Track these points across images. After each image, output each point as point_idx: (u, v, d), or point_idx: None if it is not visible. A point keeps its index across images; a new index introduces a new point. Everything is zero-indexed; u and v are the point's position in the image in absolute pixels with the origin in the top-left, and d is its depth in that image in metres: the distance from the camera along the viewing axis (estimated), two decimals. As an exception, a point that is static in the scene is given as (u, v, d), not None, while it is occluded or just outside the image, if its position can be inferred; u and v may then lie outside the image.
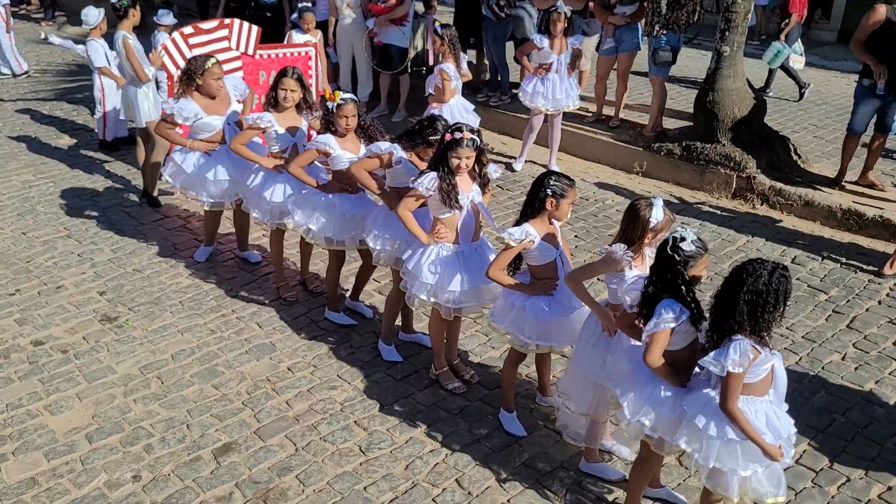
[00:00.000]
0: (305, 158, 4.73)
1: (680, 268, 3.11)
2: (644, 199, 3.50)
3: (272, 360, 4.75)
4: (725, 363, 2.91)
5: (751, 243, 6.43)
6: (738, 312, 2.90)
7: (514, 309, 3.92)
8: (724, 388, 2.96)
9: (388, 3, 8.77)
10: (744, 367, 2.91)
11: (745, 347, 2.90)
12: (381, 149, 4.36)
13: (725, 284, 3.01)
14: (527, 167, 8.03)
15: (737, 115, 7.26)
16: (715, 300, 3.05)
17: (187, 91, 5.28)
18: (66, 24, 14.23)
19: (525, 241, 3.74)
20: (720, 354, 2.94)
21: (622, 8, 7.79)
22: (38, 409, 4.24)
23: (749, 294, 2.89)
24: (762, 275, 2.89)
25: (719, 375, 2.97)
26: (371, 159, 4.43)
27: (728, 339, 2.94)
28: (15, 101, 9.73)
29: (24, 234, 6.24)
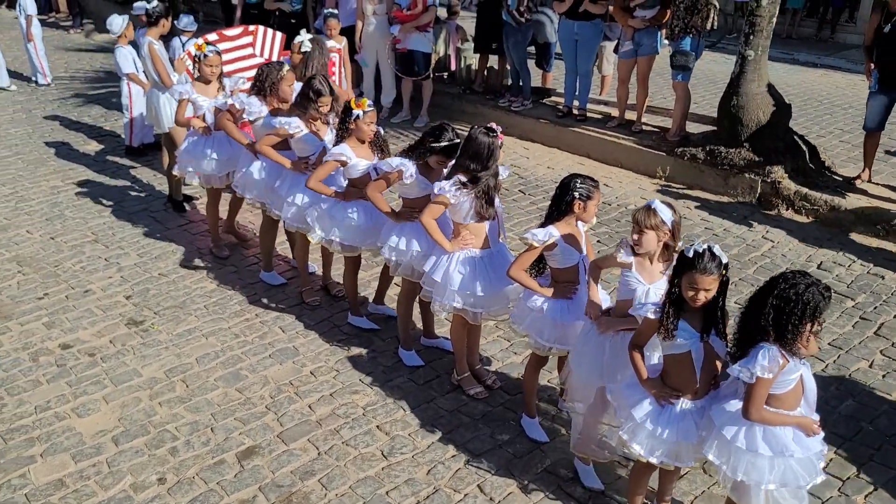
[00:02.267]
0: (325, 171, 4.75)
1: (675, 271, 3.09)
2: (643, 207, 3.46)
3: (295, 365, 4.78)
4: (754, 369, 2.87)
5: (776, 249, 6.37)
6: (764, 316, 2.87)
7: (532, 311, 3.92)
8: (749, 395, 2.92)
9: (413, 11, 8.81)
10: (773, 374, 2.87)
11: (773, 353, 2.86)
12: (391, 167, 4.35)
13: (759, 290, 2.97)
14: (548, 172, 8.02)
15: (761, 120, 7.20)
16: (746, 305, 3.01)
17: (260, 95, 5.29)
18: (94, 31, 14.45)
19: (548, 241, 3.74)
20: (748, 361, 2.90)
21: (642, 11, 7.75)
22: (65, 412, 4.30)
23: (777, 299, 2.85)
24: (798, 284, 2.84)
25: (748, 382, 2.93)
26: (381, 181, 4.42)
27: (755, 346, 2.91)
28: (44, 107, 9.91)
29: (53, 238, 6.34)
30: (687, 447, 3.19)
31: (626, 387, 3.33)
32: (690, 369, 3.16)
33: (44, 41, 11.02)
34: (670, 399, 3.19)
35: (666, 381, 3.25)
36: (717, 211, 7.08)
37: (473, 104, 9.41)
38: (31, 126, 9.21)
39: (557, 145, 8.65)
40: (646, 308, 3.20)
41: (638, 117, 8.36)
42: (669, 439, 3.16)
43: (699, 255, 3.00)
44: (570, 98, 8.78)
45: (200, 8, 14.78)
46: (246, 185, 5.44)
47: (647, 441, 3.21)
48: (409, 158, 4.36)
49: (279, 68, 5.32)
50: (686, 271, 3.02)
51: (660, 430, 3.17)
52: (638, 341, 3.30)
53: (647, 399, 3.23)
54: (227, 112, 5.38)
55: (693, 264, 3.00)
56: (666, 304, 3.12)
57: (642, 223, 3.37)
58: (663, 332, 3.12)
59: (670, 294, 3.11)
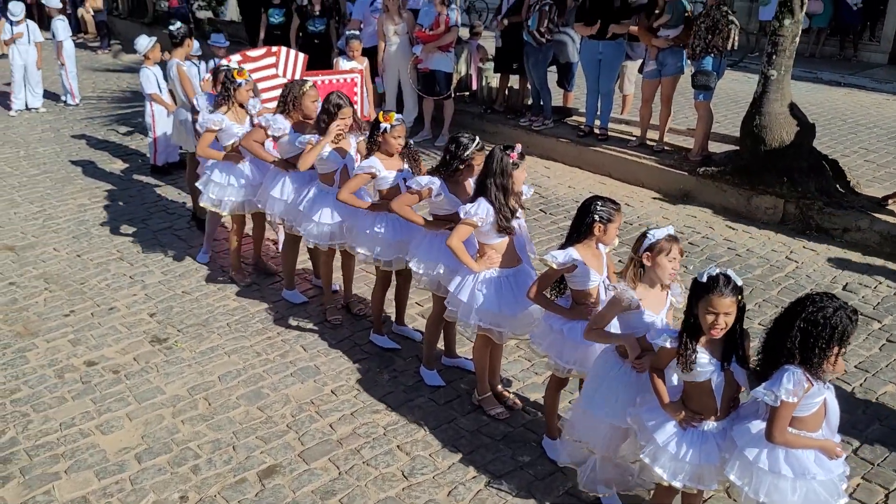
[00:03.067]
0: (356, 184, 4.80)
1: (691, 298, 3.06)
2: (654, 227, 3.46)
3: (316, 383, 4.79)
4: (778, 392, 2.84)
5: (800, 269, 6.31)
6: (791, 339, 2.84)
7: (552, 332, 3.91)
8: (773, 418, 2.89)
9: (436, 31, 8.90)
10: (798, 397, 2.84)
11: (798, 377, 2.83)
12: (420, 184, 4.39)
13: (785, 311, 2.94)
14: (569, 191, 8.02)
15: (785, 139, 7.16)
16: (771, 326, 2.99)
17: (284, 112, 5.35)
18: (122, 52, 14.71)
19: (568, 264, 3.74)
20: (773, 384, 2.87)
21: (665, 31, 7.77)
22: (89, 429, 4.34)
23: (805, 322, 2.82)
24: (825, 308, 2.81)
25: (772, 405, 2.90)
26: (412, 195, 4.46)
27: (780, 368, 2.88)
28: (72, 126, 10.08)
29: (79, 256, 6.43)
30: (710, 469, 3.16)
31: (648, 410, 3.29)
32: (710, 396, 3.14)
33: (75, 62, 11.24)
34: (693, 423, 3.16)
35: (687, 405, 3.22)
36: (739, 231, 7.04)
37: (494, 123, 9.45)
38: (59, 145, 9.37)
39: (579, 164, 8.65)
40: (662, 337, 3.16)
41: (660, 137, 8.35)
42: (692, 461, 3.13)
43: (714, 278, 2.98)
44: (592, 117, 8.79)
45: (225, 28, 14.99)
46: (269, 202, 5.49)
47: (670, 464, 3.18)
48: (438, 176, 4.39)
49: (301, 84, 5.38)
50: (702, 296, 3.00)
51: (683, 453, 3.14)
52: (657, 365, 3.27)
53: (669, 422, 3.20)
54: (254, 132, 5.42)
55: (709, 288, 2.97)
56: (682, 334, 3.09)
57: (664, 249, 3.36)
58: (682, 363, 3.08)
59: (686, 323, 3.08)
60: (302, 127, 5.30)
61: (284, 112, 5.34)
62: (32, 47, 10.67)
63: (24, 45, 10.60)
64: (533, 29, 8.49)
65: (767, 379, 2.91)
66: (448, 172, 4.40)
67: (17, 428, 4.33)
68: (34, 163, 8.72)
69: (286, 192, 5.32)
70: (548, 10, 8.41)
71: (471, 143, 4.34)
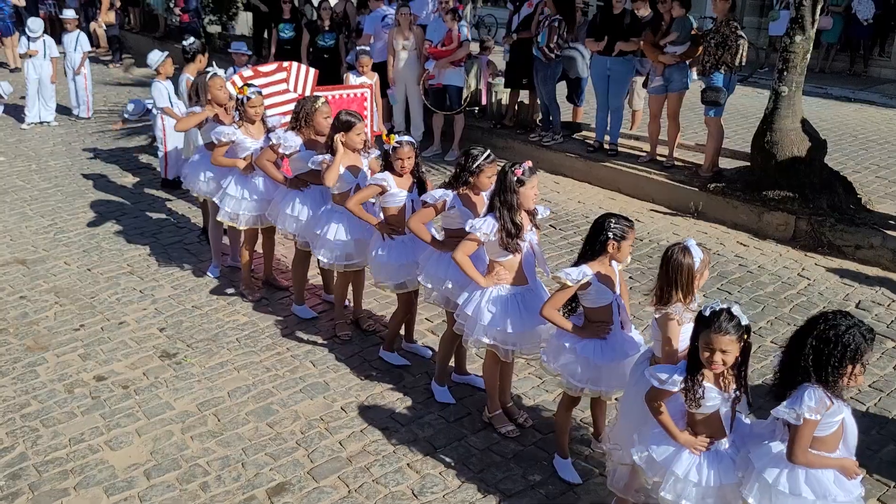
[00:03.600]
0: (365, 195, 4.81)
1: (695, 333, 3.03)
2: (677, 245, 3.39)
3: (326, 400, 4.77)
4: (801, 410, 2.80)
5: (812, 287, 6.26)
6: (804, 357, 2.82)
7: (565, 350, 3.88)
8: (795, 437, 2.85)
9: (449, 47, 8.94)
10: (820, 415, 2.81)
11: (819, 394, 2.81)
12: (434, 198, 4.40)
13: (800, 330, 2.92)
14: (579, 207, 8.01)
15: (796, 156, 7.14)
16: (787, 344, 2.96)
17: (297, 129, 5.37)
18: (133, 66, 14.81)
19: (582, 281, 3.72)
20: (794, 402, 2.83)
21: (672, 47, 7.78)
22: (98, 444, 4.33)
23: (817, 340, 2.80)
24: (838, 325, 2.79)
25: (795, 424, 2.85)
26: (427, 210, 4.45)
27: (799, 387, 2.85)
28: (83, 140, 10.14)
29: (90, 270, 6.44)
30: (732, 489, 3.12)
31: (655, 444, 3.24)
32: (718, 425, 3.13)
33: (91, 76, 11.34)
34: (706, 447, 3.14)
35: (695, 431, 3.19)
36: (751, 247, 7.00)
37: (504, 138, 9.46)
38: (70, 159, 9.42)
39: (588, 180, 8.64)
40: (671, 380, 3.10)
41: (669, 152, 8.33)
42: (715, 484, 3.10)
43: (716, 314, 2.96)
44: (602, 133, 8.79)
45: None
46: (281, 219, 5.50)
47: (695, 492, 3.13)
48: (450, 189, 4.39)
49: (314, 101, 5.40)
50: (702, 330, 2.98)
51: (705, 479, 3.10)
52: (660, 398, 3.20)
53: (682, 450, 3.17)
54: (267, 150, 5.43)
55: (709, 323, 2.95)
56: (689, 374, 3.05)
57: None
58: (691, 400, 3.06)
59: (692, 358, 3.06)
60: (314, 144, 5.31)
61: (296, 128, 5.36)
62: (47, 62, 10.76)
63: (38, 60, 10.70)
64: (542, 45, 8.51)
65: (785, 398, 2.88)
66: (459, 184, 4.40)
67: (26, 443, 4.32)
68: (46, 176, 8.77)
69: (297, 209, 5.33)
70: (557, 26, 8.43)
71: (481, 154, 4.35)
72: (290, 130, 5.37)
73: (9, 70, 14.26)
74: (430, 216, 4.49)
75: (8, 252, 6.78)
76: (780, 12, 15.09)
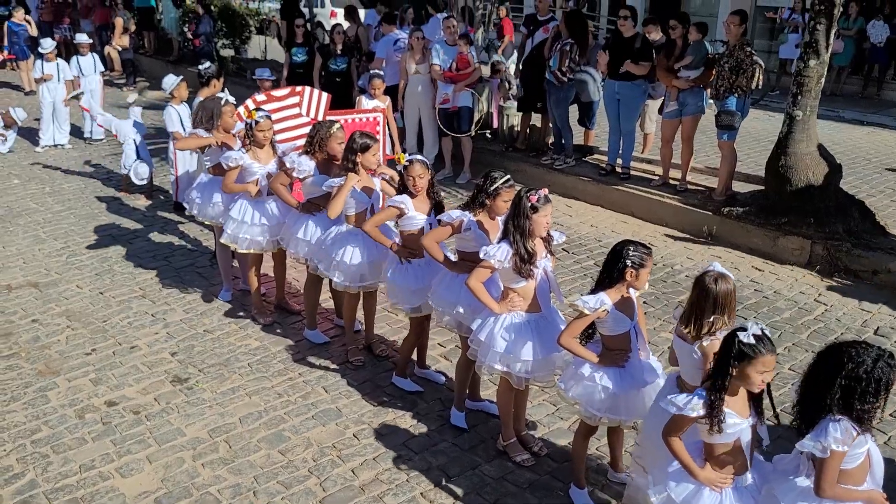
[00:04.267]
0: (382, 217, 4.79)
1: (732, 359, 2.95)
2: (708, 274, 3.39)
3: (338, 427, 4.72)
4: (827, 443, 2.74)
5: (829, 312, 6.19)
6: (831, 396, 2.75)
7: (583, 379, 3.83)
8: (822, 470, 2.78)
9: (466, 70, 8.99)
10: (847, 446, 2.74)
11: (845, 425, 2.74)
12: (451, 217, 4.38)
13: (820, 364, 2.85)
14: (591, 231, 7.97)
15: (811, 180, 7.09)
16: (806, 379, 2.90)
17: (310, 153, 5.37)
18: (147, 88, 14.92)
19: (599, 310, 3.67)
20: (819, 435, 2.77)
21: (686, 72, 7.77)
22: (109, 472, 4.29)
23: (847, 380, 2.74)
24: (864, 361, 2.73)
25: (821, 457, 2.78)
26: (444, 228, 4.44)
27: (823, 419, 2.78)
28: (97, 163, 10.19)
29: (102, 293, 6.44)
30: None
31: (675, 482, 3.16)
32: (740, 457, 3.07)
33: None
34: (727, 483, 3.07)
35: (716, 465, 3.12)
36: (766, 272, 6.93)
37: (516, 162, 9.45)
38: (83, 181, 9.47)
39: (601, 203, 8.61)
40: (691, 405, 3.03)
41: (683, 176, 8.30)
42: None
43: (761, 338, 2.92)
44: (614, 156, 8.77)
45: (248, 67, 15.21)
46: (293, 243, 5.48)
47: None
48: (467, 210, 4.37)
49: (329, 126, 5.40)
50: (753, 358, 2.91)
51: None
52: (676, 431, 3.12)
53: (702, 489, 3.09)
54: (280, 174, 5.43)
55: (758, 349, 2.90)
56: (713, 397, 2.99)
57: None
58: (715, 426, 3.00)
59: (719, 385, 2.98)
60: (327, 168, 5.31)
61: (310, 152, 5.36)
62: (61, 85, 10.85)
63: (52, 83, 10.78)
64: (555, 69, 8.52)
65: (808, 433, 2.81)
66: (476, 206, 4.38)
67: (36, 470, 4.28)
68: (59, 199, 8.80)
69: (310, 233, 5.31)
70: (569, 50, 8.45)
71: (500, 178, 4.33)
72: (304, 154, 5.37)
73: (24, 93, 14.40)
74: (445, 235, 4.46)
75: (21, 275, 6.79)
76: (788, 35, 15.14)
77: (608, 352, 3.80)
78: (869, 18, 14.65)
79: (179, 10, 16.17)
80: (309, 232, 5.33)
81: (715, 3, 17.05)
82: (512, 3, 23.28)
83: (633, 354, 3.80)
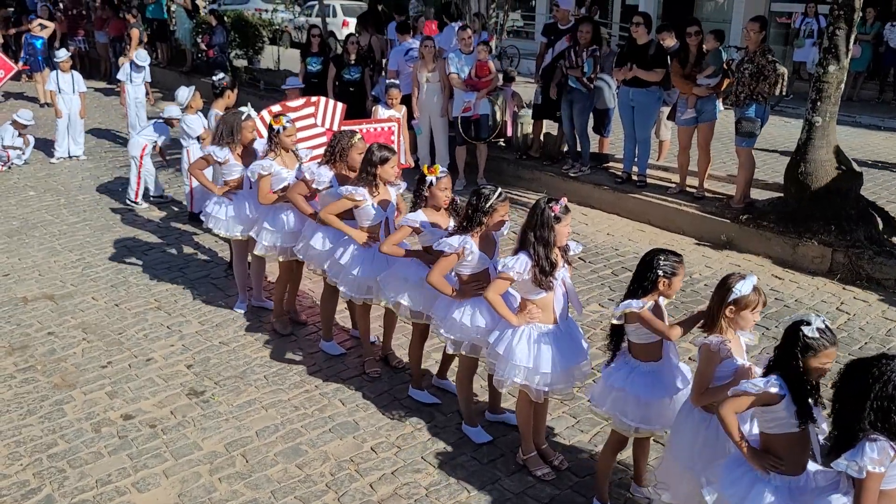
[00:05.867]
0: (399, 237, 4.73)
1: (797, 353, 2.93)
2: (737, 274, 3.39)
3: (356, 440, 4.67)
4: (863, 463, 2.66)
5: (852, 322, 6.09)
6: (864, 418, 2.68)
7: (613, 391, 3.77)
8: (861, 492, 2.70)
9: (487, 77, 8.98)
10: (885, 467, 2.66)
11: (882, 445, 2.66)
12: (453, 247, 4.26)
13: (847, 381, 2.78)
14: (608, 239, 7.89)
15: (831, 187, 7.00)
16: (837, 397, 2.82)
17: (330, 162, 5.34)
18: (160, 100, 14.97)
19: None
20: (855, 455, 2.69)
21: (705, 80, 7.71)
22: (126, 486, 4.25)
23: (879, 401, 2.66)
24: (891, 378, 2.66)
25: (858, 478, 2.71)
26: (449, 259, 4.30)
27: (858, 437, 2.71)
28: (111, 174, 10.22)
29: (117, 305, 6.42)
30: None
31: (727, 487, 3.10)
32: (804, 449, 3.02)
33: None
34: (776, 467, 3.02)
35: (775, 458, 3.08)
36: (786, 281, 6.84)
37: (531, 170, 9.40)
38: (98, 193, 9.48)
39: (617, 211, 8.54)
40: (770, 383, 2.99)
41: (700, 183, 8.22)
42: None
43: (824, 330, 2.92)
44: (630, 164, 8.70)
45: (262, 77, 15.25)
46: (308, 254, 5.45)
47: None
48: (466, 233, 4.29)
49: (350, 136, 5.36)
50: (818, 350, 2.91)
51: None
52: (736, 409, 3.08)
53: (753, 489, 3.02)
54: (299, 184, 5.40)
55: (823, 343, 2.90)
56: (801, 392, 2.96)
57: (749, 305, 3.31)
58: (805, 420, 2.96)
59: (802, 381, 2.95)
60: (345, 178, 5.27)
61: (330, 162, 5.32)
62: (76, 96, 10.90)
63: (68, 95, 10.83)
64: (589, 74, 8.48)
65: (841, 453, 2.73)
66: (474, 226, 4.31)
67: (52, 485, 4.25)
68: (74, 210, 8.82)
69: (326, 243, 5.28)
70: (599, 56, 8.45)
71: (492, 194, 4.27)
72: (324, 165, 5.34)
73: (39, 105, 14.48)
74: (451, 265, 4.34)
75: (37, 287, 6.79)
76: (805, 40, 15.04)
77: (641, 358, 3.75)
78: (885, 23, 14.54)
79: (193, 22, 16.23)
80: (326, 243, 5.29)
81: (728, 9, 16.99)
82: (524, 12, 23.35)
83: (665, 361, 3.75)
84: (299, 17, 22.72)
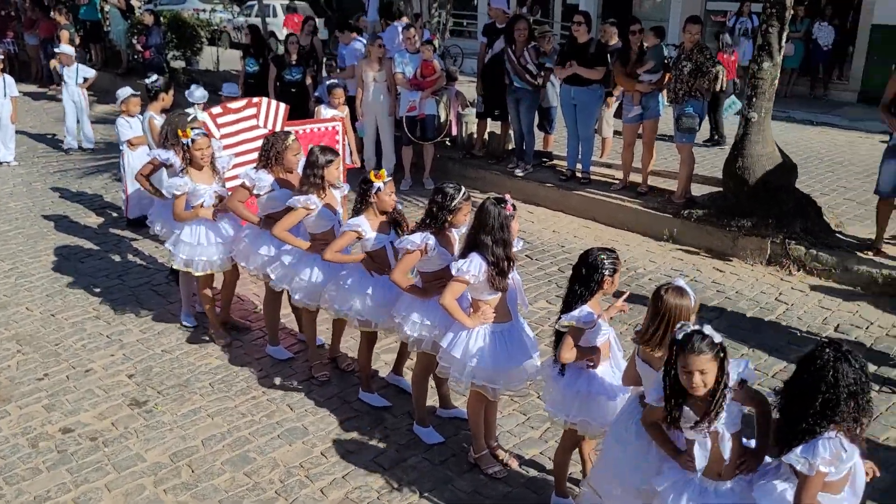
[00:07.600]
0: (342, 243, 4.66)
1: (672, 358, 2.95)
2: (668, 286, 3.27)
3: (305, 445, 4.60)
4: (814, 461, 2.70)
5: (790, 311, 6.25)
6: (814, 412, 2.72)
7: (578, 395, 3.74)
8: (805, 486, 2.74)
9: (432, 77, 8.95)
10: (834, 467, 2.71)
11: (835, 445, 2.70)
12: (415, 243, 4.21)
13: (800, 374, 2.82)
14: (554, 236, 7.96)
15: (768, 180, 7.18)
16: (786, 390, 2.87)
17: (266, 166, 5.21)
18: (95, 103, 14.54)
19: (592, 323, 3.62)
20: (808, 451, 2.72)
21: (647, 76, 7.83)
22: (66, 502, 4.10)
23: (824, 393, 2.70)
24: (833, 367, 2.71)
25: (806, 474, 2.75)
26: (412, 256, 4.24)
27: (815, 435, 2.73)
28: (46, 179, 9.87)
29: (53, 315, 6.20)
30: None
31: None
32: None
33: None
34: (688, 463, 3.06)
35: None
36: (727, 273, 6.99)
37: (476, 169, 9.42)
38: (31, 199, 9.16)
39: (562, 209, 8.61)
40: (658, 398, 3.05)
41: (644, 180, 8.35)
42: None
43: (688, 336, 2.88)
44: (573, 161, 8.79)
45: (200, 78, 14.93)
46: (251, 259, 5.34)
47: None
48: (428, 230, 4.26)
49: (284, 137, 5.26)
50: (679, 355, 2.89)
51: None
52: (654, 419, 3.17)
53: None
54: (239, 191, 5.27)
55: (683, 346, 2.87)
56: (666, 391, 2.98)
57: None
58: (669, 421, 3.00)
59: (666, 381, 2.97)
60: (285, 182, 5.19)
61: (266, 166, 5.22)
62: (7, 101, 10.50)
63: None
64: (535, 71, 8.49)
65: (791, 445, 2.76)
66: (437, 225, 4.28)
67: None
68: (5, 218, 8.49)
69: (272, 249, 5.18)
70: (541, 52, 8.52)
71: (457, 192, 4.24)
72: (262, 169, 5.23)
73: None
74: (415, 262, 4.30)
75: (-34, 299, 6.52)
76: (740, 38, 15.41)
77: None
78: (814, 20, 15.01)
79: (128, 22, 15.80)
80: (271, 249, 5.19)
81: (665, 7, 17.29)
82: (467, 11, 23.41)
83: (613, 362, 3.79)
84: (238, 18, 22.32)
